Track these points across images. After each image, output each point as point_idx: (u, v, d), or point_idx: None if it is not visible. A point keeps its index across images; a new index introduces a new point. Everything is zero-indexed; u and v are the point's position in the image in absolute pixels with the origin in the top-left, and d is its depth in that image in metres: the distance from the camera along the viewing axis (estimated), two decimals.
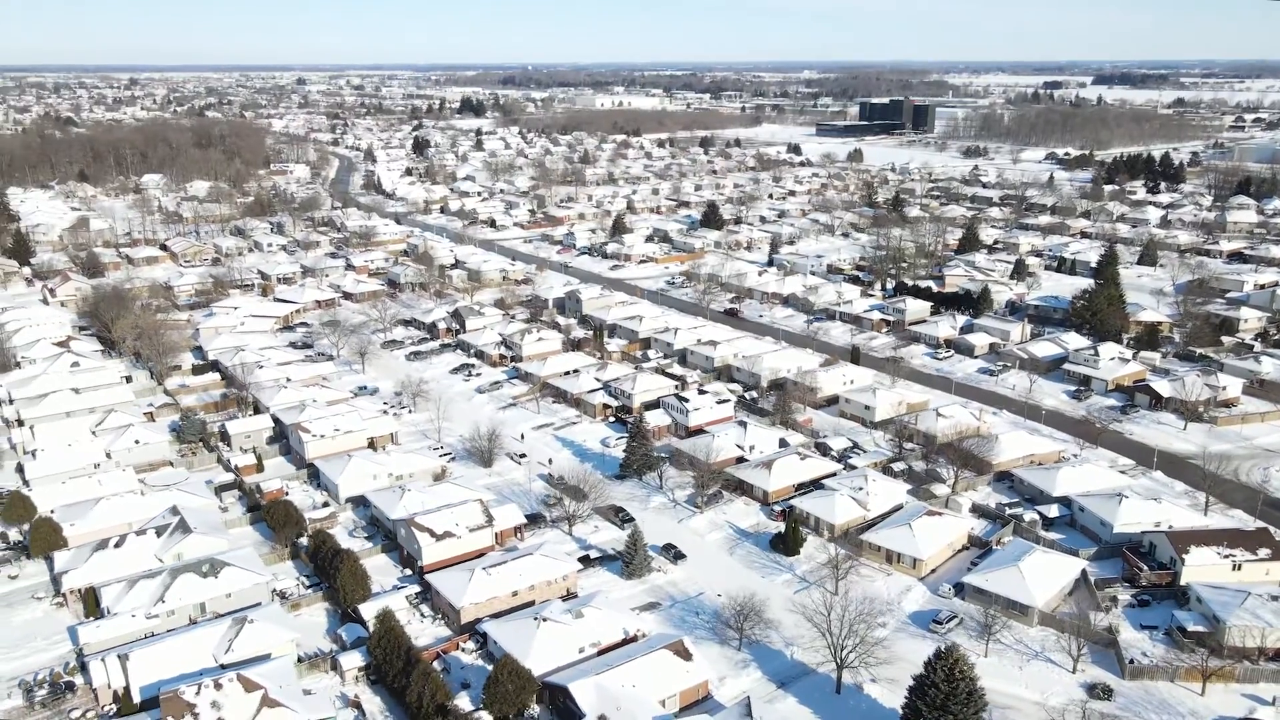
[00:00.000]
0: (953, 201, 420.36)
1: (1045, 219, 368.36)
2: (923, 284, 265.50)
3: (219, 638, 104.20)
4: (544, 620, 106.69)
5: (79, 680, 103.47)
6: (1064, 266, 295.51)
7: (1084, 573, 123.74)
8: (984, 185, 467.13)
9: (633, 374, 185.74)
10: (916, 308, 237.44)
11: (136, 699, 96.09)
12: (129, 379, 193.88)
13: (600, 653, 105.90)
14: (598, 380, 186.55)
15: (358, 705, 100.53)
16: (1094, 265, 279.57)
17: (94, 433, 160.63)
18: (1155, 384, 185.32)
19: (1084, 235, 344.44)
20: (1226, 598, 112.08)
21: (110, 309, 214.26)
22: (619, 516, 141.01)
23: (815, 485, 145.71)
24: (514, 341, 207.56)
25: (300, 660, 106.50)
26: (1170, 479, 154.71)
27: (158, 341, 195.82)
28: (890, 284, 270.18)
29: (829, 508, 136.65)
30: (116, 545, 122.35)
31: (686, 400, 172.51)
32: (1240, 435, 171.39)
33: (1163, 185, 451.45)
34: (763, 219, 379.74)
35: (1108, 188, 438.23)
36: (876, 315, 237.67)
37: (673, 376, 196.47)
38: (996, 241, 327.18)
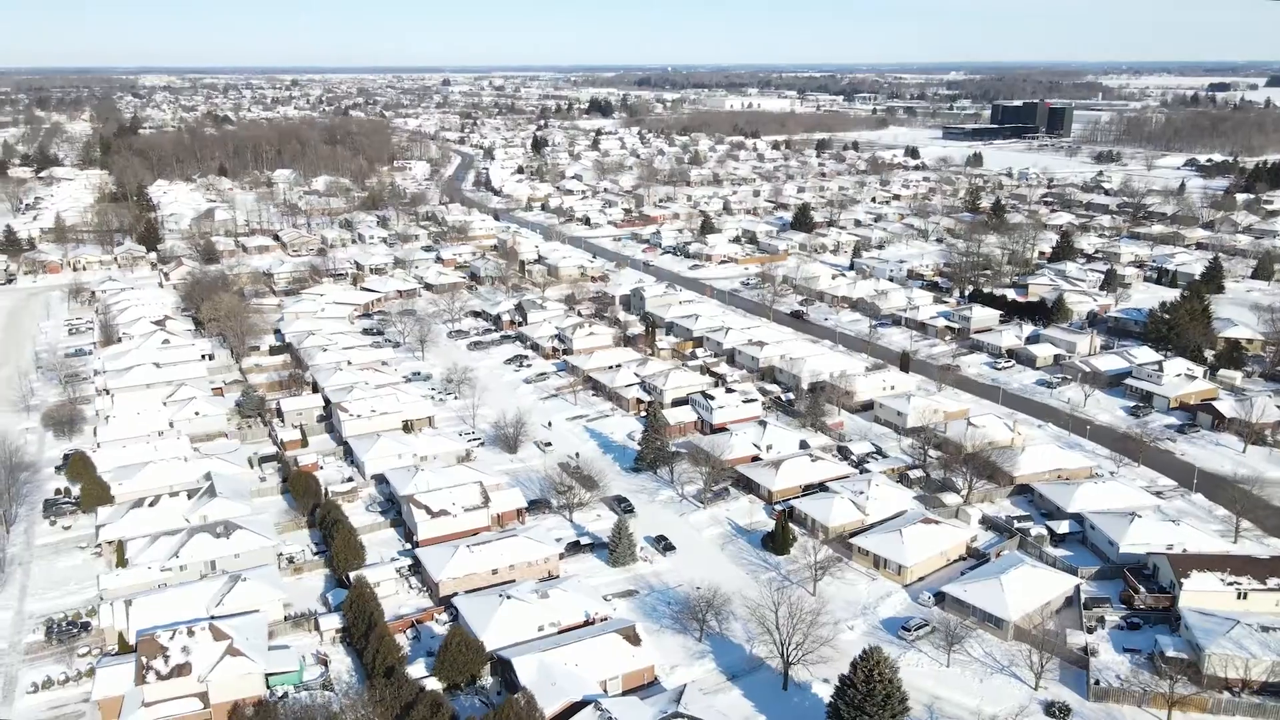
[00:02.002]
0: (1066, 208, 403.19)
1: (1159, 228, 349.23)
2: (1004, 292, 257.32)
3: (214, 592, 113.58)
4: (508, 598, 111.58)
5: (94, 622, 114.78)
6: (1164, 278, 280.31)
7: (1077, 590, 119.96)
8: (1105, 192, 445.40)
9: (666, 370, 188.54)
10: (983, 316, 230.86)
11: (131, 640, 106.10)
12: (211, 357, 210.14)
13: (560, 633, 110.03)
14: (636, 375, 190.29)
15: (325, 662, 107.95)
16: (1197, 277, 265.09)
17: (165, 404, 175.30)
18: (1220, 403, 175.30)
19: (1199, 246, 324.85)
20: (1212, 625, 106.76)
21: (203, 293, 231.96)
22: (621, 506, 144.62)
23: (821, 487, 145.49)
24: (566, 335, 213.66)
25: (287, 619, 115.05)
26: (1211, 502, 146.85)
27: (238, 323, 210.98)
28: (968, 291, 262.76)
29: (826, 510, 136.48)
30: (151, 504, 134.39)
31: (712, 398, 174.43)
32: None
33: None
34: (857, 222, 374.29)
35: (1241, 197, 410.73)
36: (942, 322, 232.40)
37: (714, 375, 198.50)
38: (1097, 251, 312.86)
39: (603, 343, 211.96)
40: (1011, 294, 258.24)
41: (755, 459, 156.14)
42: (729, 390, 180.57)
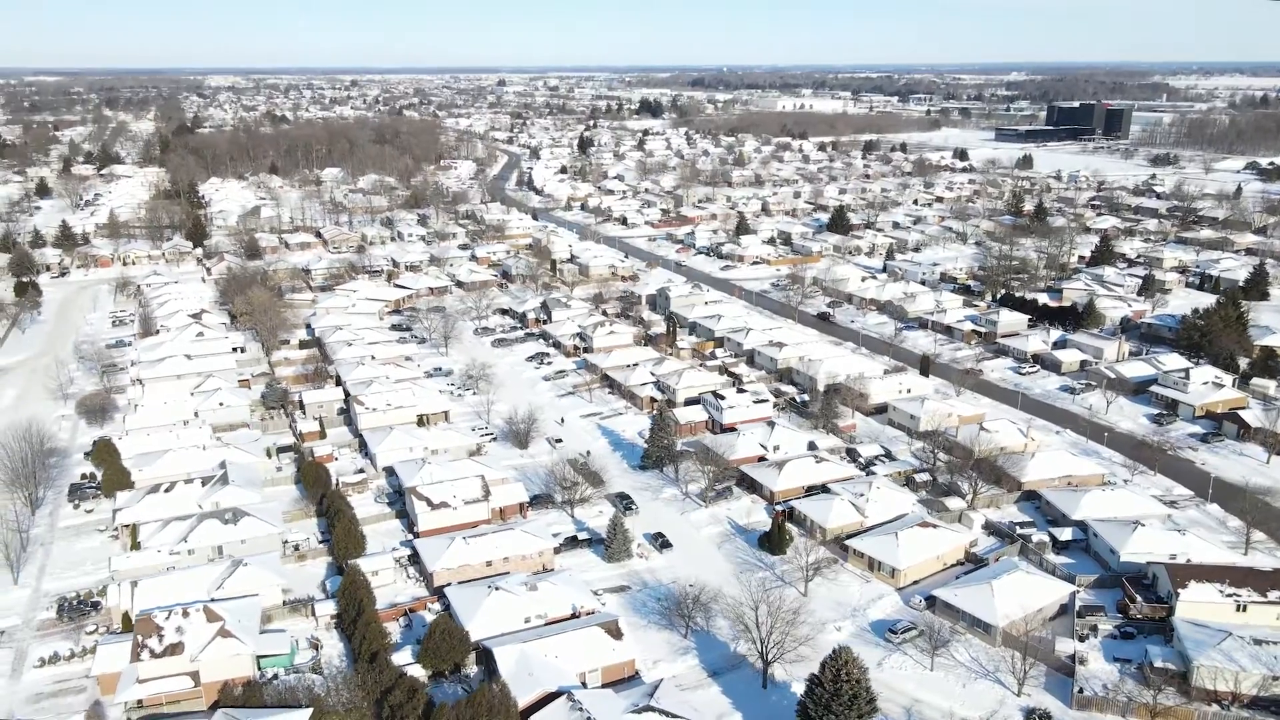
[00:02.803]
0: (1113, 212, 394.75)
1: (1208, 233, 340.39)
2: (1036, 297, 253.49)
3: (215, 576, 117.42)
4: (496, 589, 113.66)
5: (104, 602, 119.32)
6: (1206, 284, 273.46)
7: (1073, 598, 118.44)
8: (1157, 195, 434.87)
9: (680, 370, 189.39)
10: (1010, 320, 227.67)
11: (133, 619, 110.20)
12: (242, 350, 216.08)
13: (547, 624, 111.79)
14: (652, 375, 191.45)
15: (317, 647, 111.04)
16: (1242, 283, 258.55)
17: (192, 394, 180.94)
18: (1246, 413, 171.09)
19: (1249, 252, 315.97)
20: (1203, 636, 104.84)
21: (238, 287, 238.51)
22: (623, 503, 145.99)
23: (824, 489, 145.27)
24: (587, 334, 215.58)
25: (285, 604, 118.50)
26: (1226, 513, 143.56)
27: (268, 318, 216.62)
28: (999, 295, 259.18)
29: (824, 511, 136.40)
30: (166, 490, 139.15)
31: (723, 398, 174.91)
32: None
33: None
34: (896, 225, 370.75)
35: None
36: (968, 326, 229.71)
37: (732, 374, 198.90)
38: (1140, 255, 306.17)
39: (622, 342, 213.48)
40: (1044, 298, 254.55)
41: (761, 459, 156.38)
42: (740, 390, 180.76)
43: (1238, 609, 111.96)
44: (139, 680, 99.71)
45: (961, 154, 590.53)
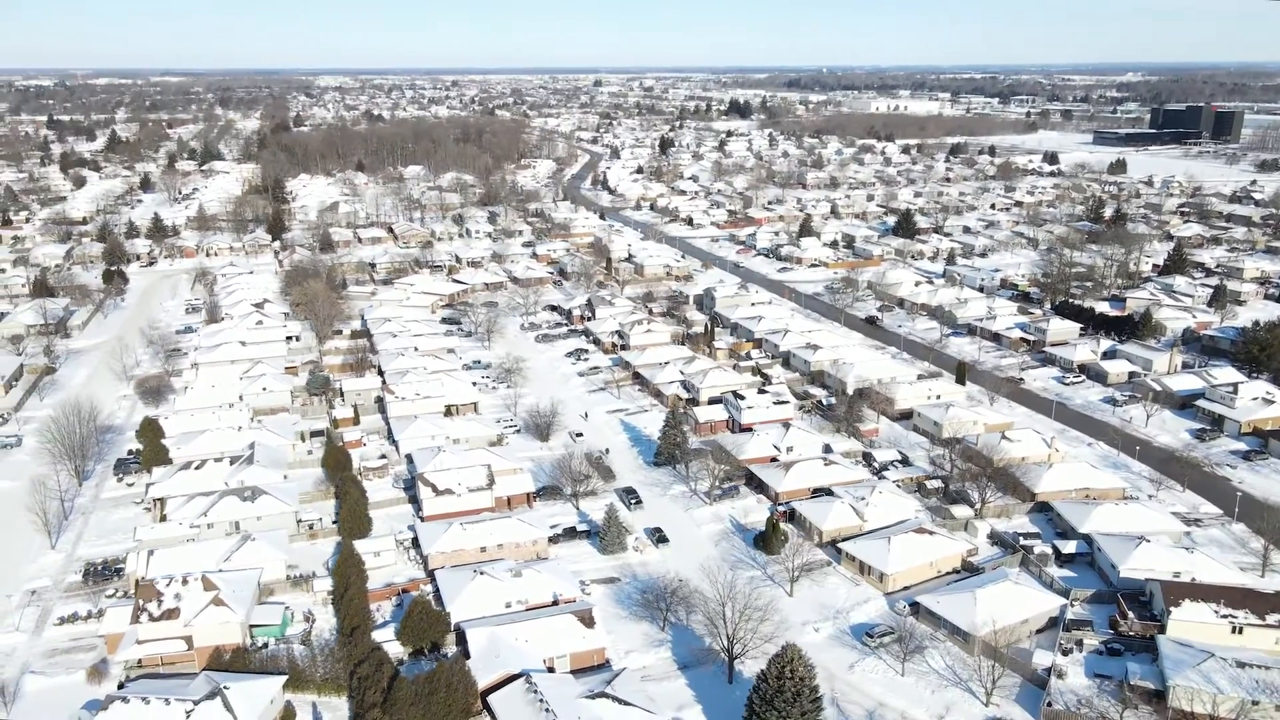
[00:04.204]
0: (1202, 219, 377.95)
1: None
2: (1095, 305, 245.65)
3: (225, 549, 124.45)
4: (480, 574, 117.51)
5: (125, 568, 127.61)
6: None
7: (1063, 612, 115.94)
8: (1255, 202, 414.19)
9: (705, 369, 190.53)
10: (1060, 328, 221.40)
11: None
12: (297, 338, 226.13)
13: (527, 610, 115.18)
14: (681, 373, 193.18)
15: (310, 620, 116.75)
16: None
17: (240, 378, 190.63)
18: None
19: None
20: (1185, 656, 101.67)
21: (298, 279, 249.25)
22: (629, 498, 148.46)
23: (828, 491, 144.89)
24: (625, 331, 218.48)
25: (289, 579, 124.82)
26: (1251, 533, 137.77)
27: (322, 308, 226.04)
28: (1057, 302, 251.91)
29: (822, 513, 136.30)
30: (197, 468, 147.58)
31: (742, 398, 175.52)
32: None
33: None
34: (966, 229, 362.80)
35: None
36: (1016, 333, 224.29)
37: (764, 375, 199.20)
38: (1219, 265, 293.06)
39: (659, 340, 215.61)
40: (1106, 307, 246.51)
41: (773, 460, 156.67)
42: (761, 391, 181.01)
43: (1233, 631, 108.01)
44: (138, 641, 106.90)
45: (1051, 157, 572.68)
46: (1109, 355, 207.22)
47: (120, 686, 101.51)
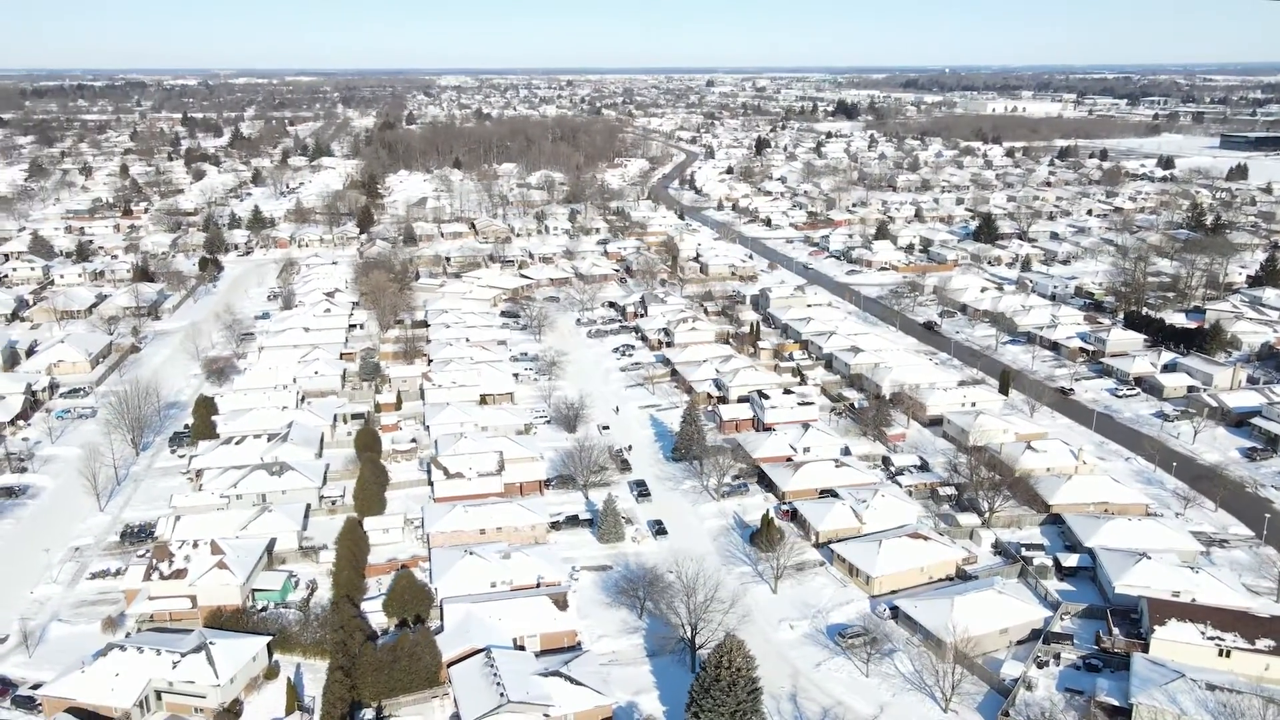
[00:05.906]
0: None
1: None
2: (1167, 315, 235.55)
3: (244, 519, 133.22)
4: (469, 554, 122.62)
5: (157, 531, 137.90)
6: None
7: (1047, 623, 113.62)
8: None
9: (736, 368, 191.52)
10: (1122, 339, 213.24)
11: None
12: (361, 326, 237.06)
13: (512, 591, 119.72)
14: (716, 371, 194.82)
15: (311, 588, 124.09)
16: None
17: (298, 362, 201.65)
18: None
19: None
20: (1154, 675, 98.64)
21: (367, 270, 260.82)
22: (638, 490, 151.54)
23: (834, 493, 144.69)
24: (670, 329, 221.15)
25: (301, 549, 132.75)
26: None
27: (385, 298, 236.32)
28: (1128, 312, 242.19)
29: (821, 514, 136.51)
30: (237, 443, 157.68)
31: (767, 397, 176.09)
32: None
33: None
34: (1054, 235, 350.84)
35: None
36: (1076, 343, 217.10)
37: (803, 376, 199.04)
38: None
39: (703, 338, 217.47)
40: (1181, 319, 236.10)
41: (788, 459, 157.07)
42: (787, 392, 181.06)
43: (1220, 654, 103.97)
44: (150, 597, 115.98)
45: (1166, 162, 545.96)
46: (1169, 368, 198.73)
47: (127, 636, 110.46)
